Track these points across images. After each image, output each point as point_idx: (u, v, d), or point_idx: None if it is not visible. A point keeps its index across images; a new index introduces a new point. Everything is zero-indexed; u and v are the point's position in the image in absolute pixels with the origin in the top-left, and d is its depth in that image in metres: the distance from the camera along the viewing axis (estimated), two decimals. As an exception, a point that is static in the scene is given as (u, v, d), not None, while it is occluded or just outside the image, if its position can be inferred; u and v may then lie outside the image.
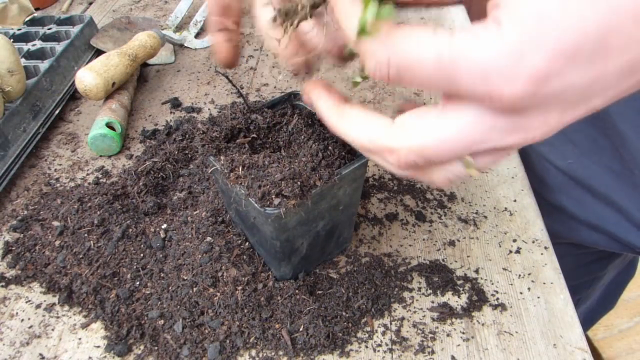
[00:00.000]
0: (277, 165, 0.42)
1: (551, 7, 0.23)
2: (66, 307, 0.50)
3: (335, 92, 0.35)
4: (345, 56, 0.38)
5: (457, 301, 0.50)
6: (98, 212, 0.56)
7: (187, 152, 0.65)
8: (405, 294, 0.50)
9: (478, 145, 0.27)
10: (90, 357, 0.46)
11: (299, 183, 0.40)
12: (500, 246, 0.55)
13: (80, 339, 0.48)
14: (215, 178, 0.47)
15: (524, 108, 0.25)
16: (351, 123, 0.32)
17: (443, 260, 0.54)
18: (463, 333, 0.47)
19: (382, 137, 0.30)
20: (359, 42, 0.27)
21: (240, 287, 0.48)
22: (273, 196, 0.40)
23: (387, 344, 0.46)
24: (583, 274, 0.86)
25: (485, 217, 0.58)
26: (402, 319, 0.48)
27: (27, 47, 0.77)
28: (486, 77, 0.24)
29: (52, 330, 0.48)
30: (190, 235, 0.53)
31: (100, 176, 0.64)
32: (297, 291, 0.48)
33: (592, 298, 0.95)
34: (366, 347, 0.46)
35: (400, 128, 0.29)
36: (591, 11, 0.22)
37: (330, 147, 0.44)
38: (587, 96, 0.25)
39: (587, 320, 1.03)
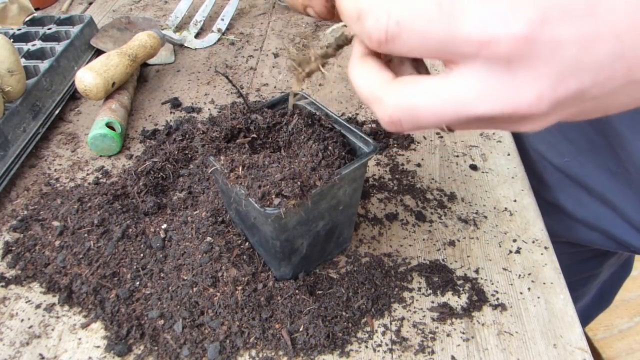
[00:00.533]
0: (277, 165, 0.42)
1: None
2: (66, 307, 0.50)
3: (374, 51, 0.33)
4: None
5: (457, 301, 0.50)
6: (98, 212, 0.56)
7: (187, 152, 0.65)
8: (405, 294, 0.50)
9: (467, 111, 0.27)
10: (90, 357, 0.46)
11: (299, 183, 0.40)
12: (500, 246, 0.55)
13: (80, 339, 0.48)
14: (215, 178, 0.47)
15: (518, 60, 0.25)
16: (362, 70, 0.31)
17: (443, 260, 0.54)
18: (463, 333, 0.47)
19: (378, 88, 0.30)
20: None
21: (240, 287, 0.48)
22: (273, 196, 0.40)
23: (387, 344, 0.46)
24: (578, 272, 0.86)
25: (485, 217, 0.58)
26: (402, 319, 0.48)
27: (27, 47, 0.77)
28: (485, 23, 0.25)
29: (52, 330, 0.48)
30: (190, 235, 0.53)
31: (100, 176, 0.64)
32: (297, 291, 0.48)
33: (588, 296, 0.95)
34: (366, 347, 0.46)
35: (397, 84, 0.29)
36: None
37: (330, 147, 0.44)
38: (578, 68, 0.25)
39: (584, 318, 1.03)
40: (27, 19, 0.87)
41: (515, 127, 0.28)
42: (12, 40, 0.78)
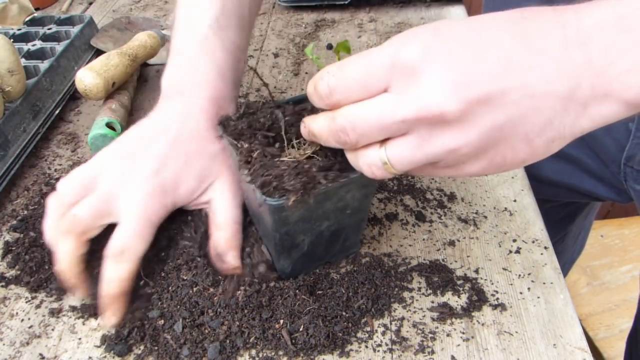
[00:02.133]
0: (286, 159, 0.43)
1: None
2: (66, 307, 0.50)
3: None
4: None
5: (457, 301, 0.50)
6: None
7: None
8: (405, 294, 0.50)
9: (391, 117, 0.32)
10: (90, 357, 0.46)
11: (302, 179, 0.40)
12: (500, 246, 0.55)
13: (80, 339, 0.48)
14: (233, 160, 0.48)
15: (421, 69, 0.32)
16: (314, 117, 0.39)
17: (443, 260, 0.54)
18: (463, 333, 0.47)
19: (328, 114, 0.36)
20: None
21: (241, 287, 0.48)
22: (272, 188, 0.40)
23: (387, 344, 0.46)
24: (555, 232, 0.92)
25: (485, 217, 0.58)
26: (402, 319, 0.48)
27: (27, 47, 0.77)
28: (390, 49, 0.33)
29: (52, 330, 0.48)
30: (189, 235, 0.53)
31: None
32: (297, 291, 0.48)
33: (565, 251, 1.04)
34: (366, 347, 0.46)
35: (344, 107, 0.36)
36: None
37: None
38: (476, 73, 0.31)
39: (565, 271, 1.12)
40: (27, 19, 0.87)
41: (445, 140, 0.33)
42: (12, 40, 0.78)
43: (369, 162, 0.36)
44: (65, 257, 0.47)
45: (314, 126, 0.38)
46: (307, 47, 0.48)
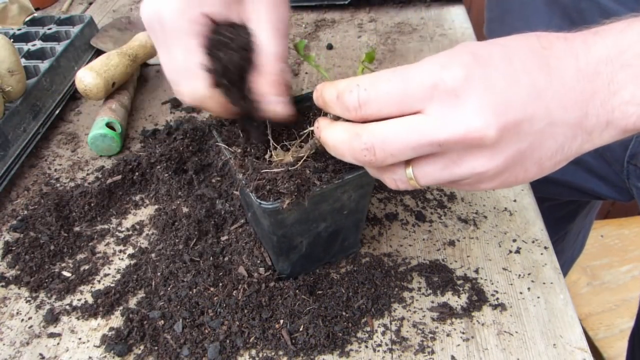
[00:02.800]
0: (280, 161, 0.43)
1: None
2: (66, 307, 0.50)
3: None
4: None
5: (457, 301, 0.50)
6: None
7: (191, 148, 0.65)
8: (405, 294, 0.50)
9: (429, 137, 0.32)
10: (90, 357, 0.46)
11: (296, 182, 0.40)
12: (500, 246, 0.55)
13: (80, 339, 0.48)
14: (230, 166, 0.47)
15: (463, 93, 0.32)
16: (335, 126, 0.37)
17: (443, 260, 0.53)
18: (463, 333, 0.47)
19: (354, 127, 0.35)
20: None
21: (240, 287, 0.48)
22: (265, 192, 0.40)
23: (387, 344, 0.46)
24: (555, 230, 0.92)
25: (485, 217, 0.58)
26: (402, 319, 0.48)
27: (27, 47, 0.77)
28: (431, 70, 0.33)
29: (52, 330, 0.48)
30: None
31: (100, 176, 0.64)
32: (297, 291, 0.48)
33: (566, 250, 1.04)
34: (366, 347, 0.46)
35: (371, 123, 0.34)
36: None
37: None
38: (511, 100, 0.32)
39: (564, 270, 1.13)
40: (27, 19, 0.87)
41: (475, 164, 0.33)
42: (12, 40, 0.78)
43: (395, 178, 0.36)
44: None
45: (330, 137, 0.36)
46: (299, 41, 0.47)
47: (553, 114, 0.33)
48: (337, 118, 0.37)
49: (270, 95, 0.41)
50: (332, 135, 0.36)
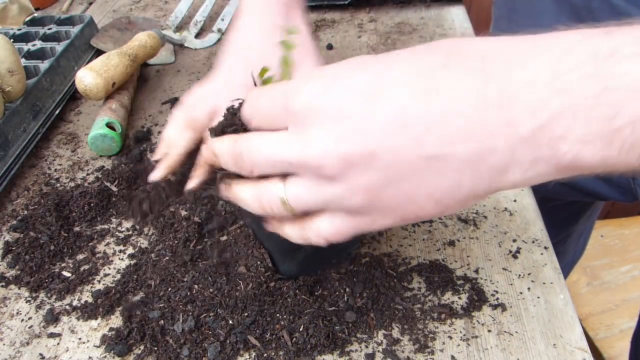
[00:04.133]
0: None
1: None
2: (66, 307, 0.50)
3: None
4: None
5: (457, 301, 0.50)
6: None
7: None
8: (405, 294, 0.50)
9: (277, 155, 0.33)
10: (90, 357, 0.46)
11: None
12: (500, 246, 0.55)
13: (80, 339, 0.48)
14: None
15: (309, 120, 0.32)
16: (220, 139, 0.38)
17: (443, 260, 0.54)
18: (463, 333, 0.47)
19: (234, 137, 0.37)
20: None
21: (240, 288, 0.48)
22: None
23: (387, 344, 0.46)
24: (558, 232, 0.92)
25: (485, 217, 0.58)
26: (402, 319, 0.48)
27: (27, 47, 0.77)
28: (286, 89, 0.33)
29: (52, 330, 0.48)
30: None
31: (100, 176, 0.64)
32: (297, 291, 0.48)
33: (568, 252, 1.03)
34: (366, 347, 0.46)
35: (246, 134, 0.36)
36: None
37: None
38: (361, 130, 0.30)
39: (565, 273, 1.12)
40: (27, 19, 0.87)
41: (332, 191, 0.32)
42: (12, 40, 0.78)
43: (268, 198, 0.35)
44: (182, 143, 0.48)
45: (216, 145, 0.37)
46: (289, 29, 0.46)
47: (428, 147, 0.29)
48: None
49: None
50: (218, 144, 0.37)
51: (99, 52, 0.83)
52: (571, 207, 0.91)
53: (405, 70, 0.30)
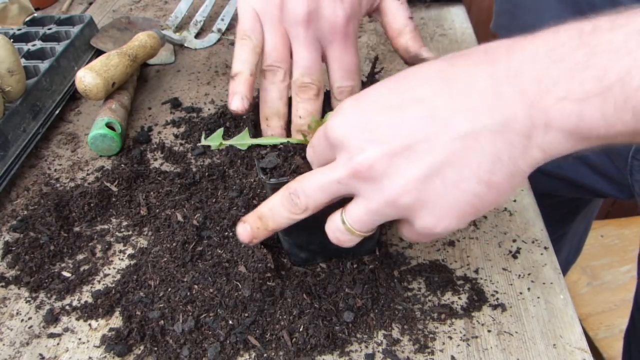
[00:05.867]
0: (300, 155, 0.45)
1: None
2: (66, 307, 0.50)
3: None
4: None
5: (457, 301, 0.50)
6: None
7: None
8: (405, 294, 0.50)
9: (328, 179, 0.36)
10: (90, 357, 0.46)
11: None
12: (500, 246, 0.55)
13: (80, 339, 0.48)
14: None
15: (345, 145, 0.36)
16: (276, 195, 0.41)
17: (443, 260, 0.54)
18: (463, 333, 0.47)
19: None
20: None
21: (240, 288, 0.48)
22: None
23: (387, 344, 0.46)
24: (555, 229, 0.92)
25: (485, 217, 0.58)
26: (402, 319, 0.48)
27: (27, 47, 0.77)
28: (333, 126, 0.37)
29: (52, 330, 0.48)
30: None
31: (100, 176, 0.64)
32: (297, 291, 0.48)
33: (562, 251, 1.04)
34: (366, 347, 0.46)
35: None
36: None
37: None
38: (373, 141, 0.34)
39: (564, 268, 1.14)
40: (27, 19, 0.87)
41: (383, 196, 0.35)
42: (12, 40, 0.78)
43: (333, 228, 0.39)
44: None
45: (263, 208, 0.40)
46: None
47: (457, 126, 0.32)
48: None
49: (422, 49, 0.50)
50: (265, 206, 0.41)
51: (99, 52, 0.83)
52: (568, 205, 0.91)
53: (419, 77, 0.35)
